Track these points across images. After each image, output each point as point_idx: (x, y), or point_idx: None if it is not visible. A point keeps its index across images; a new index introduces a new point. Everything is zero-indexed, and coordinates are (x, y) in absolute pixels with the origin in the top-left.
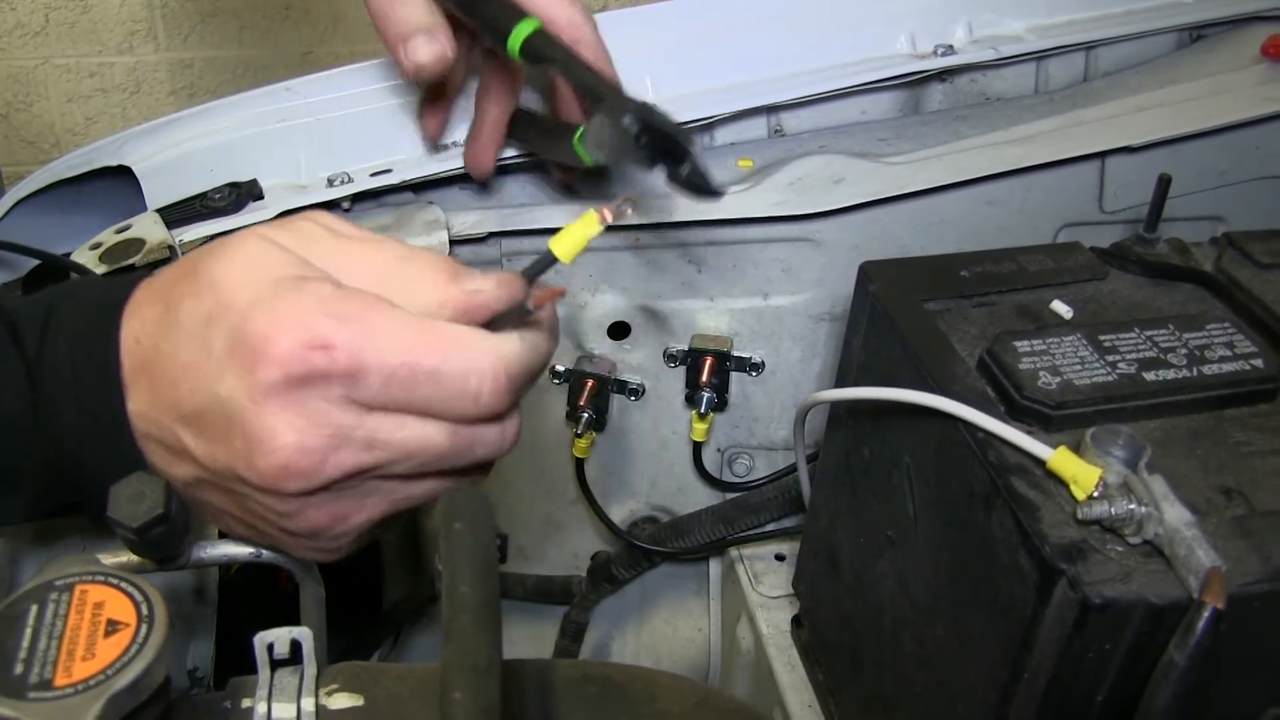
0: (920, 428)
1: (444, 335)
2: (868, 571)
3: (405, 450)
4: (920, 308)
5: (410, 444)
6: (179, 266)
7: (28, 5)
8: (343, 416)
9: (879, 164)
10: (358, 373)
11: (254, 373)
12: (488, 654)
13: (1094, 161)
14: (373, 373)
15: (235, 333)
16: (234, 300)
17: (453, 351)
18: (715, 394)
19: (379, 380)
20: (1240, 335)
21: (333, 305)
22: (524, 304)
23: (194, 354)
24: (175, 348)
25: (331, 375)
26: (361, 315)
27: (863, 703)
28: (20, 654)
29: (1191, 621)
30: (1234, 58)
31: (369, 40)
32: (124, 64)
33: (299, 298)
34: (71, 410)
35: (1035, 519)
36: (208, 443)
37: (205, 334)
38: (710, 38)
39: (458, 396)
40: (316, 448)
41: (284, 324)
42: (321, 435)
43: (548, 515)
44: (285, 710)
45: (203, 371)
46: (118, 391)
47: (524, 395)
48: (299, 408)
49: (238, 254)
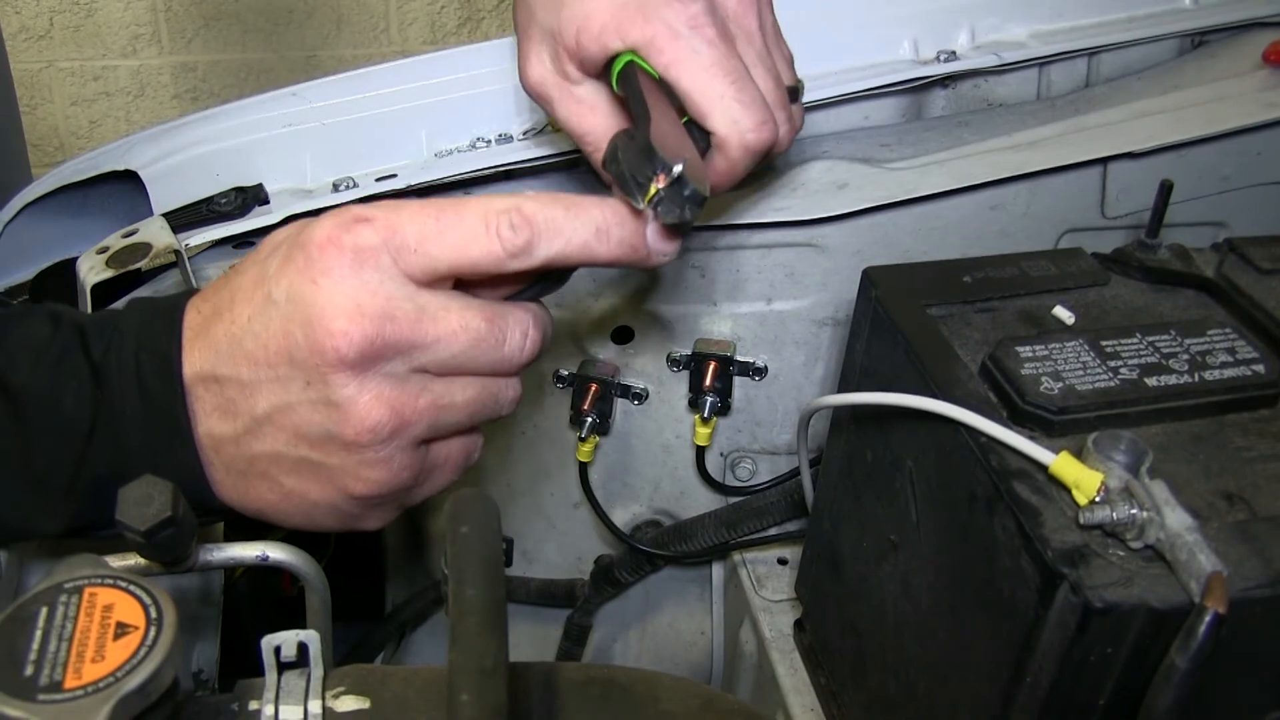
0: (923, 432)
1: (461, 199)
2: (870, 575)
3: (450, 328)
4: (923, 313)
5: (458, 315)
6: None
7: (32, 9)
8: (395, 287)
9: (882, 169)
10: (396, 231)
11: (306, 261)
12: (494, 656)
13: (1096, 167)
14: (405, 228)
15: (289, 246)
16: (286, 235)
17: (470, 201)
18: (718, 398)
19: (412, 232)
20: (1242, 341)
21: (365, 208)
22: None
23: (251, 280)
24: (234, 290)
25: (376, 245)
26: (388, 204)
27: (865, 706)
28: (30, 656)
29: (1193, 626)
30: (1236, 64)
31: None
32: (128, 67)
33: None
34: (134, 404)
35: (1037, 523)
36: (265, 354)
37: (262, 263)
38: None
39: (482, 235)
40: (373, 312)
41: (326, 219)
42: (376, 302)
43: (551, 519)
44: (292, 713)
45: (261, 289)
46: (179, 380)
47: (549, 255)
48: (354, 279)
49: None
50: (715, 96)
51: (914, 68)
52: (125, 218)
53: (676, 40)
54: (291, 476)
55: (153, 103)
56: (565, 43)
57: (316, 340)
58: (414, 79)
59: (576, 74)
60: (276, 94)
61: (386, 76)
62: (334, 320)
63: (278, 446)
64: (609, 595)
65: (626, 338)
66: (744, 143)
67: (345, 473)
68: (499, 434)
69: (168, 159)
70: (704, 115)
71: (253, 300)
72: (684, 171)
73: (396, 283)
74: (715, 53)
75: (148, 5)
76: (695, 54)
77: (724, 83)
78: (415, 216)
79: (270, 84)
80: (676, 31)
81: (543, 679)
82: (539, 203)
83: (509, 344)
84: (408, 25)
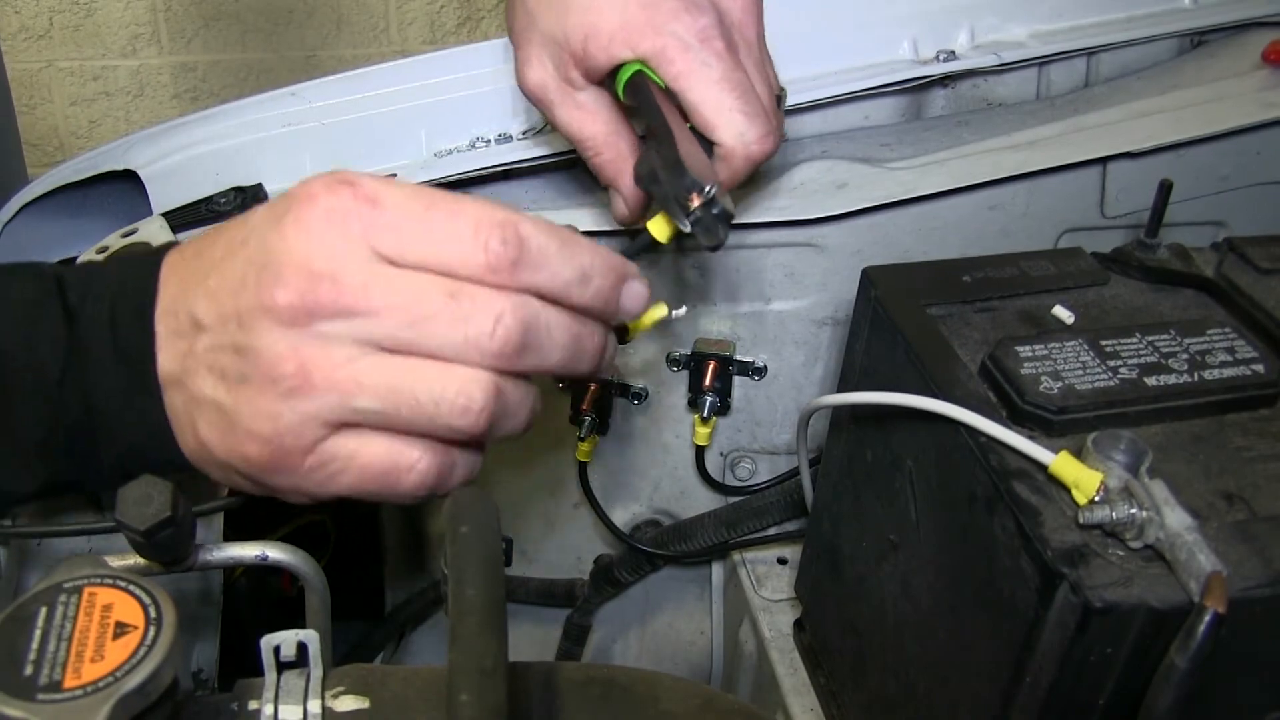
0: (922, 432)
1: (460, 197)
2: (870, 575)
3: (411, 293)
4: (923, 313)
5: (414, 286)
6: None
7: (32, 9)
8: (353, 252)
9: (882, 169)
10: (378, 204)
11: (284, 210)
12: (494, 656)
13: (1096, 167)
14: (390, 205)
15: (280, 196)
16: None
17: (468, 202)
18: (718, 398)
19: (396, 212)
20: (1241, 340)
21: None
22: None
23: (237, 224)
24: (220, 232)
25: (350, 210)
26: (388, 180)
27: (864, 706)
28: (30, 655)
29: (1193, 626)
30: (1235, 63)
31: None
32: (128, 67)
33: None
34: (104, 345)
35: (1037, 523)
36: (220, 291)
37: (255, 211)
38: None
39: (468, 239)
40: (319, 270)
41: (320, 176)
42: (328, 262)
43: (551, 519)
44: (292, 712)
45: (241, 232)
46: (150, 318)
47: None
48: (318, 236)
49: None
50: (724, 110)
51: (913, 67)
52: (124, 217)
53: (687, 53)
54: (207, 423)
55: (152, 102)
56: (572, 49)
57: (261, 285)
58: (413, 79)
59: (580, 80)
60: (276, 94)
61: (386, 76)
62: (281, 269)
63: (204, 389)
64: (609, 595)
65: (625, 337)
66: (748, 154)
67: (240, 425)
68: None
69: (167, 159)
70: (712, 128)
71: (231, 242)
72: (716, 193)
73: (356, 249)
74: (724, 66)
75: (147, 5)
76: (705, 67)
77: (732, 97)
78: (405, 198)
79: (270, 84)
80: (687, 44)
81: (543, 679)
82: (536, 227)
83: (472, 326)
84: (407, 25)
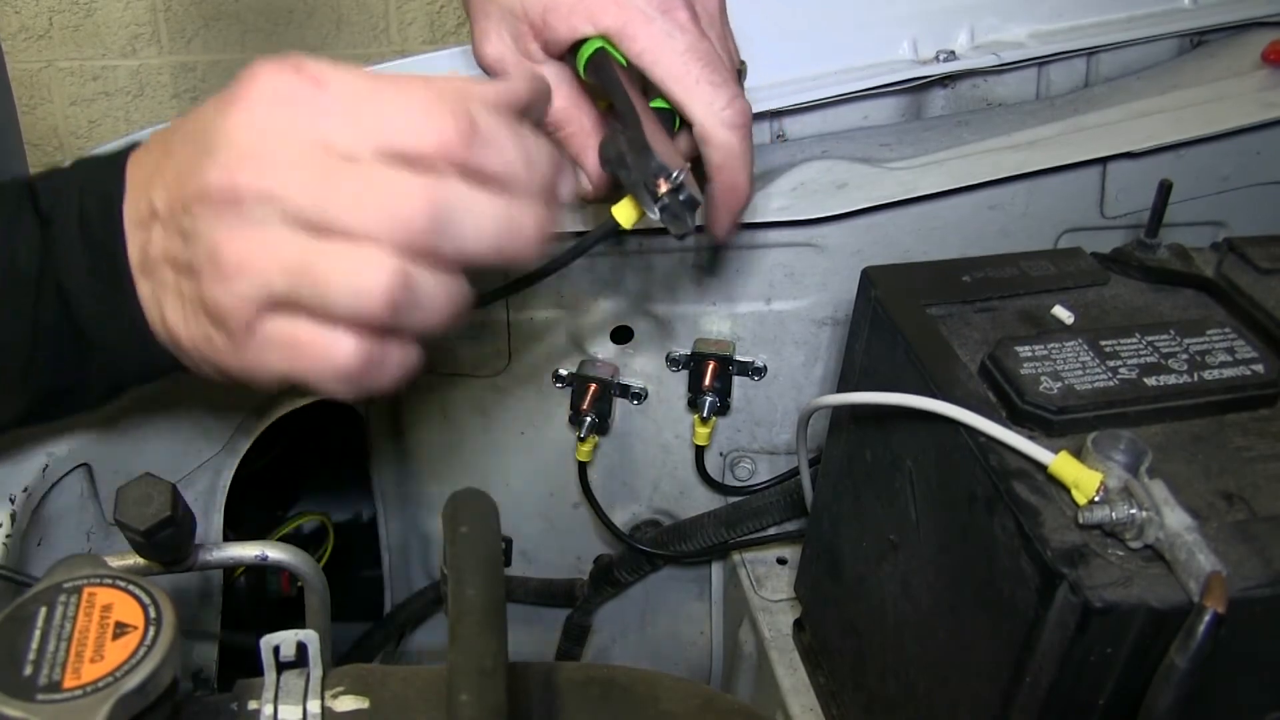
0: (922, 432)
1: (410, 78)
2: (870, 575)
3: (328, 174)
4: (922, 313)
5: (332, 168)
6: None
7: (31, 9)
8: (295, 136)
9: (881, 169)
10: (322, 82)
11: (231, 92)
12: (494, 656)
13: (1095, 167)
14: (335, 87)
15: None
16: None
17: (417, 83)
18: (718, 398)
19: (341, 94)
20: (1241, 341)
21: (309, 61)
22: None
23: (190, 117)
24: (181, 123)
25: (297, 91)
26: (335, 64)
27: (864, 706)
28: (29, 656)
29: (1193, 626)
30: (1235, 63)
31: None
32: (127, 67)
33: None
34: (76, 247)
35: (1037, 523)
36: (173, 177)
37: (203, 107)
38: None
39: (418, 120)
40: (256, 154)
41: (273, 59)
42: (266, 145)
43: (550, 519)
44: (291, 712)
45: (195, 119)
46: (118, 215)
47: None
48: (259, 119)
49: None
50: (691, 83)
51: (913, 67)
52: None
53: (650, 25)
54: (171, 309)
55: (152, 102)
56: (531, 21)
57: (200, 169)
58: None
59: (539, 54)
60: None
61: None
62: (218, 152)
63: (166, 276)
64: (608, 595)
65: (626, 337)
66: (722, 121)
67: (193, 310)
68: (498, 434)
69: None
70: (681, 102)
71: (186, 130)
72: (684, 179)
73: (295, 132)
74: (689, 37)
75: (147, 5)
76: (670, 39)
77: (698, 67)
78: (352, 79)
79: None
80: (649, 16)
81: (543, 679)
82: (485, 108)
83: (381, 206)
84: (407, 25)
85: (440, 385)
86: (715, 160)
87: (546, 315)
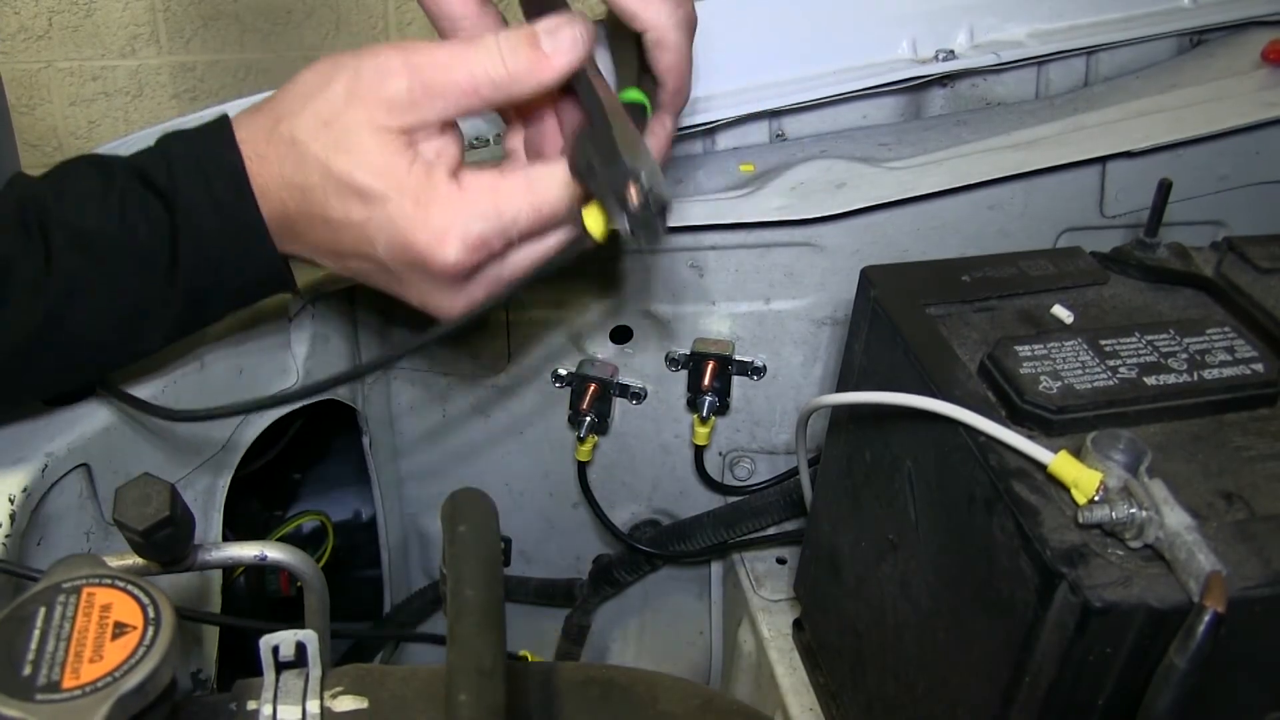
0: (921, 432)
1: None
2: (869, 575)
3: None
4: (922, 312)
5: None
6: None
7: (31, 9)
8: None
9: (881, 169)
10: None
11: (357, 85)
12: (492, 656)
13: (1095, 166)
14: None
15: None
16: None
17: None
18: (717, 398)
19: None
20: (1240, 340)
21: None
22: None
23: (312, 86)
24: (292, 95)
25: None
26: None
27: (864, 706)
28: (29, 656)
29: (1192, 625)
30: (1234, 63)
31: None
32: (127, 67)
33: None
34: (207, 212)
35: (1036, 523)
36: (314, 160)
37: (316, 82)
38: (712, 43)
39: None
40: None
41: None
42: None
43: (550, 518)
44: (290, 713)
45: (318, 77)
46: (244, 173)
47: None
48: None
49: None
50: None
51: (912, 67)
52: None
53: None
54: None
55: (151, 103)
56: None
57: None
58: None
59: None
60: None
61: None
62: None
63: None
64: (608, 595)
65: (625, 337)
66: (675, 24)
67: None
68: (498, 434)
69: None
70: (635, 11)
71: (312, 107)
72: (653, 184)
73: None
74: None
75: (146, 5)
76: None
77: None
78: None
79: (269, 84)
80: None
81: (541, 679)
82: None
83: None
84: (407, 25)
85: (440, 385)
86: (666, 62)
87: (546, 315)
